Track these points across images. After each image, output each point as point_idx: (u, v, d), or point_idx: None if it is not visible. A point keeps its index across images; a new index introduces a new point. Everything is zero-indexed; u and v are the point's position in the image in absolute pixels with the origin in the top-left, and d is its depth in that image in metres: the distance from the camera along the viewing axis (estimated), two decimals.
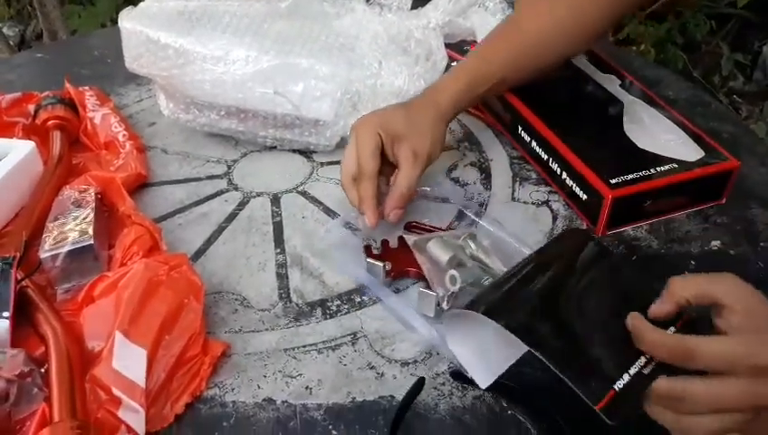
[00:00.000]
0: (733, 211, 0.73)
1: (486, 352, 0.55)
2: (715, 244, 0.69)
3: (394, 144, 0.69)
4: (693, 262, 0.67)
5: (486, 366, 0.55)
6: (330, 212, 0.76)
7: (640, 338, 0.47)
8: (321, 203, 0.77)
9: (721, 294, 0.47)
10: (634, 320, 0.48)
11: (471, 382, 0.56)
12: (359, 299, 0.64)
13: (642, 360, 0.50)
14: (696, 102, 0.92)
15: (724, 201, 0.74)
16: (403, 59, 0.83)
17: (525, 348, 0.54)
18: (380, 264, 0.64)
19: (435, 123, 0.71)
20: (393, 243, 0.68)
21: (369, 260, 0.64)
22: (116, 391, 0.52)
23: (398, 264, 0.65)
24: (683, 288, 0.48)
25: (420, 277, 0.64)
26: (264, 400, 0.55)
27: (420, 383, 0.55)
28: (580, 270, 0.56)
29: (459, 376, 0.57)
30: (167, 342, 0.56)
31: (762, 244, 0.69)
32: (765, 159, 0.81)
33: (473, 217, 0.73)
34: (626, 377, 0.48)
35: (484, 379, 0.54)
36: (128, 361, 0.53)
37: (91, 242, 0.62)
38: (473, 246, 0.66)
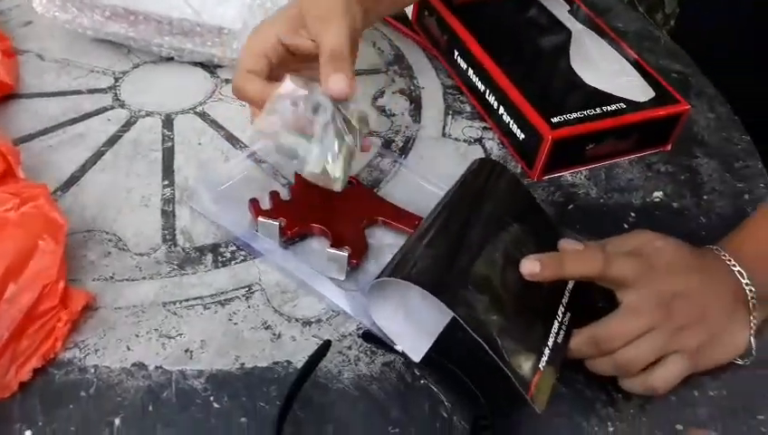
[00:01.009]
0: (677, 159, 0.67)
1: (414, 320, 0.48)
2: (658, 195, 0.63)
3: (300, 30, 0.52)
4: (633, 214, 0.61)
5: (416, 336, 0.48)
6: (233, 139, 0.65)
7: (563, 265, 0.46)
8: (222, 128, 0.66)
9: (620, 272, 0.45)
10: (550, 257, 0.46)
11: (383, 345, 0.49)
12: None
13: (556, 324, 0.45)
14: (646, 36, 0.85)
15: (669, 148, 0.68)
16: None
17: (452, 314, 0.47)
18: (275, 223, 0.53)
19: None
20: (284, 195, 0.58)
21: (261, 220, 0.54)
22: None
23: (296, 220, 0.55)
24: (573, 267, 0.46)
25: (325, 233, 0.55)
26: (133, 365, 0.46)
27: (325, 347, 0.47)
28: (498, 213, 0.49)
29: (371, 338, 0.49)
30: (12, 292, 0.46)
31: (705, 196, 0.63)
32: (714, 104, 0.75)
33: (395, 157, 0.64)
34: (546, 351, 0.44)
35: (416, 351, 0.47)
36: None
37: None
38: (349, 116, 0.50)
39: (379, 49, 0.78)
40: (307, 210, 0.56)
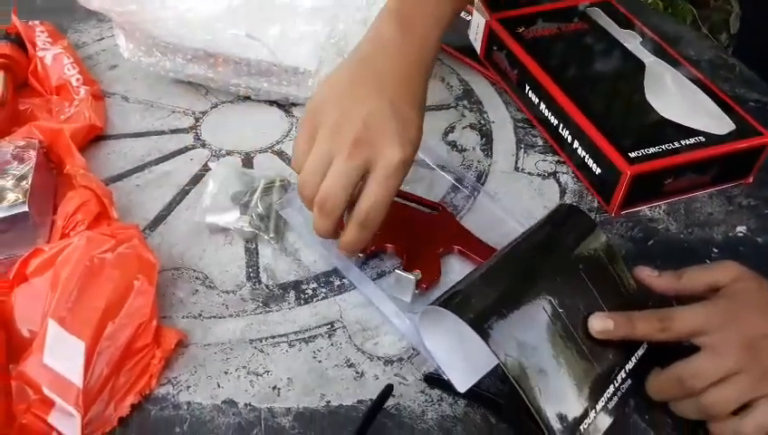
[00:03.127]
0: (759, 192, 0.65)
1: (467, 352, 0.48)
2: (741, 229, 0.61)
3: None
4: (715, 250, 0.60)
5: (467, 368, 0.47)
6: None
7: (632, 325, 0.46)
8: None
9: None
10: (615, 315, 0.46)
11: (448, 389, 0.48)
12: (338, 282, 0.56)
13: (611, 389, 0.45)
14: (720, 65, 0.83)
15: (751, 180, 0.66)
16: None
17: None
18: None
19: (422, 105, 0.54)
20: None
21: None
22: (47, 391, 0.44)
23: (375, 236, 0.56)
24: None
25: (400, 254, 0.56)
26: (224, 402, 0.48)
27: (387, 392, 0.47)
28: (574, 266, 0.48)
29: (435, 381, 0.49)
30: (111, 330, 0.48)
31: None
32: None
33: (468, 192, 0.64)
34: (592, 414, 0.44)
35: (462, 381, 0.47)
36: (63, 355, 0.46)
37: (26, 209, 0.53)
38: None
39: (447, 84, 0.79)
40: (388, 227, 0.57)
